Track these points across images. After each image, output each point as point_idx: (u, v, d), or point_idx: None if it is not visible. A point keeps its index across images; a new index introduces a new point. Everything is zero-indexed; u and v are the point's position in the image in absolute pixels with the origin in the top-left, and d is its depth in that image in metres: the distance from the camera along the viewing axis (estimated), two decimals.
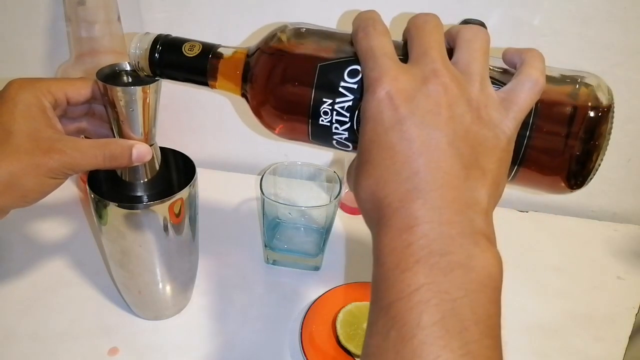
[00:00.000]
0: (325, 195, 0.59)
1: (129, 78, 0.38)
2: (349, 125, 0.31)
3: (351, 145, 0.33)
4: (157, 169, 0.41)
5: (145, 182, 0.41)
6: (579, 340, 0.50)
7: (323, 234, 0.56)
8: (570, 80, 0.31)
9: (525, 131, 0.29)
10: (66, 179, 0.37)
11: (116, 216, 0.41)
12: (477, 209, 0.26)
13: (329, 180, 0.59)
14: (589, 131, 0.29)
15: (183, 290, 0.50)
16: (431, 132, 0.25)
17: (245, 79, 0.34)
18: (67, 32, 0.64)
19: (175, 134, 0.69)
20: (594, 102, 0.29)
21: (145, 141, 0.39)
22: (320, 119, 0.31)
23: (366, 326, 0.26)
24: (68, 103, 0.39)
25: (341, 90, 0.30)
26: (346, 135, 0.32)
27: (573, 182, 0.30)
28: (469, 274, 0.24)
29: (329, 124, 0.31)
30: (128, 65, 0.38)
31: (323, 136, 0.33)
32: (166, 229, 0.43)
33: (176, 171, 0.46)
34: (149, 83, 0.37)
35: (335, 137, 0.32)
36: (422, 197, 0.25)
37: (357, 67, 0.30)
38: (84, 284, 0.53)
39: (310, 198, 0.59)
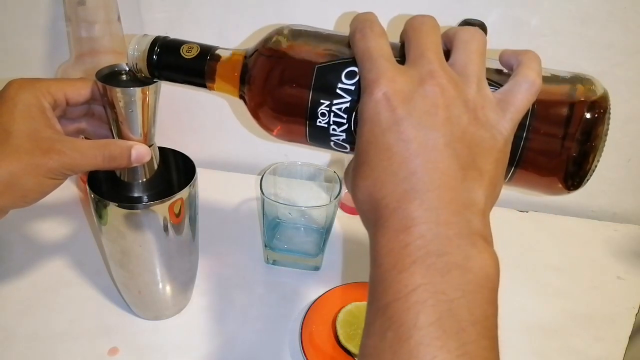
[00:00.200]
0: (325, 195, 0.59)
1: (129, 79, 0.38)
2: (346, 127, 0.31)
3: (349, 147, 0.33)
4: (156, 169, 0.41)
5: (144, 182, 0.41)
6: (579, 340, 0.50)
7: (323, 234, 0.56)
8: (566, 81, 0.31)
9: (522, 132, 0.29)
10: (65, 179, 0.37)
11: (116, 216, 0.41)
12: (474, 209, 0.26)
13: (328, 180, 0.59)
14: (585, 132, 0.29)
15: (183, 290, 0.50)
16: (428, 133, 0.26)
17: (243, 80, 0.34)
18: (67, 32, 0.64)
19: (175, 134, 0.69)
20: (590, 103, 0.29)
21: (145, 142, 0.39)
22: (318, 121, 0.31)
23: (363, 327, 0.26)
24: (67, 103, 0.39)
25: (339, 91, 0.30)
26: (344, 136, 0.32)
27: (570, 183, 0.30)
28: (466, 274, 0.24)
29: (326, 125, 0.31)
30: (127, 66, 0.38)
31: (321, 138, 0.33)
32: (166, 229, 0.43)
33: (176, 171, 0.46)
34: (149, 84, 0.37)
35: (332, 138, 0.32)
36: (419, 198, 0.25)
37: (355, 68, 0.30)
38: (84, 284, 0.53)
39: (310, 198, 0.59)
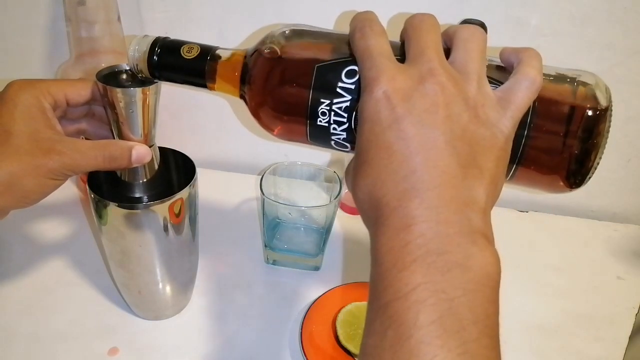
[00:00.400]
0: (325, 195, 0.59)
1: (129, 79, 0.38)
2: (347, 126, 0.31)
3: (349, 146, 0.33)
4: (156, 170, 0.41)
5: (144, 182, 0.41)
6: (579, 340, 0.50)
7: (323, 234, 0.56)
8: (568, 79, 0.31)
9: (523, 130, 0.29)
10: (66, 179, 0.37)
11: (116, 216, 0.41)
12: (474, 208, 0.26)
13: (329, 180, 0.59)
14: (587, 130, 0.29)
15: (183, 290, 0.50)
16: (428, 131, 0.25)
17: (244, 80, 0.34)
18: (67, 32, 0.64)
19: (175, 134, 0.69)
20: (592, 100, 0.29)
21: (145, 142, 0.39)
22: (318, 120, 0.31)
23: (364, 326, 0.26)
24: (68, 104, 0.39)
25: (339, 90, 0.30)
26: (344, 135, 0.32)
27: (572, 181, 0.30)
28: (466, 273, 0.24)
29: (327, 124, 0.31)
30: (128, 66, 0.38)
31: (321, 137, 0.33)
32: (166, 229, 0.43)
33: (176, 171, 0.46)
34: (149, 84, 0.37)
35: (333, 137, 0.32)
36: (419, 197, 0.25)
37: (355, 67, 0.30)
38: (84, 284, 0.53)
39: (310, 198, 0.59)
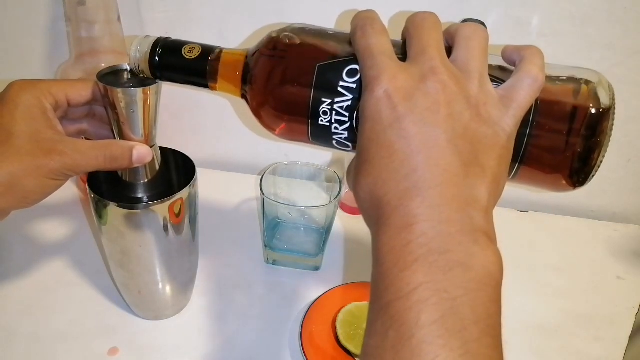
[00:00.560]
0: (325, 195, 0.59)
1: (130, 79, 0.38)
2: (348, 125, 0.31)
3: (351, 145, 0.33)
4: (157, 170, 0.41)
5: (145, 183, 0.41)
6: (579, 340, 0.50)
7: (323, 234, 0.56)
8: (570, 77, 0.31)
9: (526, 129, 0.29)
10: (67, 180, 0.37)
11: (116, 216, 0.41)
12: (476, 206, 0.25)
13: (329, 180, 0.59)
14: (590, 128, 0.29)
15: (183, 290, 0.50)
16: (430, 130, 0.25)
17: (245, 80, 0.34)
18: (67, 32, 0.64)
19: (175, 134, 0.69)
20: (595, 98, 0.29)
21: (146, 142, 0.39)
22: (320, 119, 0.31)
23: (365, 326, 0.26)
24: (69, 104, 0.39)
25: (340, 90, 0.30)
26: (346, 135, 0.32)
27: (575, 179, 0.30)
28: (468, 272, 0.24)
29: (328, 124, 0.31)
30: (128, 66, 0.38)
31: (323, 136, 0.33)
32: (166, 229, 0.43)
33: (176, 171, 0.46)
34: (150, 84, 0.37)
35: (335, 137, 0.32)
36: (421, 195, 0.25)
37: (356, 66, 0.30)
38: (84, 284, 0.53)
39: (310, 198, 0.59)
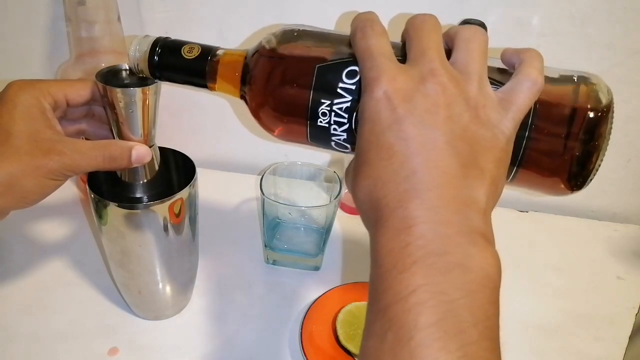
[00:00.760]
0: (325, 195, 0.59)
1: (129, 79, 0.38)
2: (347, 127, 0.31)
3: (350, 147, 0.33)
4: (157, 170, 0.41)
5: (145, 183, 0.41)
6: (579, 340, 0.50)
7: (323, 234, 0.56)
8: (569, 80, 0.31)
9: (524, 132, 0.29)
10: (66, 180, 0.37)
11: (116, 216, 0.41)
12: (475, 208, 0.25)
13: (329, 180, 0.59)
14: (588, 132, 0.29)
15: (183, 290, 0.50)
16: (429, 132, 0.25)
17: (244, 81, 0.34)
18: (67, 32, 0.64)
19: (175, 134, 0.69)
20: (593, 102, 0.29)
21: (145, 142, 0.39)
22: (319, 120, 0.31)
23: (364, 328, 0.26)
24: (68, 104, 0.39)
25: (339, 91, 0.30)
26: (345, 136, 0.32)
27: (573, 183, 0.30)
28: (467, 274, 0.24)
29: (327, 125, 0.31)
30: (128, 66, 0.38)
31: (322, 138, 0.33)
32: (166, 229, 0.43)
33: (176, 171, 0.46)
34: (149, 84, 0.37)
35: (333, 138, 0.32)
36: (420, 197, 0.25)
37: (355, 68, 0.30)
38: (84, 284, 0.53)
39: (310, 198, 0.59)
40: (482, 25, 0.47)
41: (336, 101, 0.31)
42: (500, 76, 0.30)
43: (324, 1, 0.59)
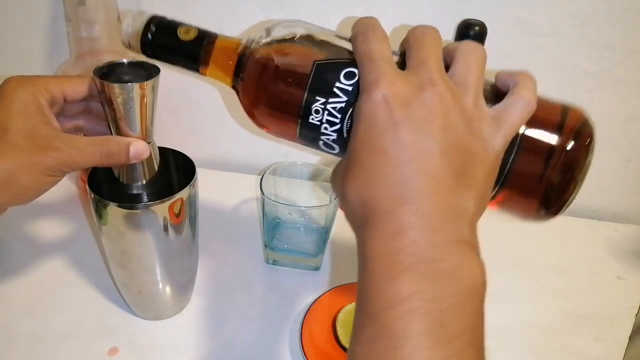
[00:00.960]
0: (325, 195, 0.59)
1: (127, 75, 0.38)
2: (338, 127, 0.31)
3: (337, 148, 0.32)
4: (156, 170, 0.41)
5: (144, 183, 0.41)
6: (579, 340, 0.50)
7: (323, 234, 0.56)
8: (555, 108, 0.31)
9: (509, 155, 0.29)
10: (63, 176, 0.37)
11: (116, 216, 0.41)
12: (464, 217, 0.26)
13: (328, 181, 0.58)
14: (568, 163, 0.29)
15: (183, 291, 0.50)
16: (425, 139, 0.26)
17: (238, 70, 0.34)
18: (67, 32, 0.64)
19: (175, 134, 0.69)
20: (575, 134, 0.29)
21: (143, 139, 0.39)
22: (311, 117, 0.31)
23: (352, 332, 0.26)
24: (65, 101, 0.38)
25: (335, 90, 0.30)
26: (334, 137, 0.32)
27: (546, 211, 0.31)
28: (456, 283, 0.24)
29: (318, 123, 0.31)
30: (125, 62, 0.38)
31: (311, 135, 0.33)
32: (166, 229, 0.43)
33: (176, 171, 0.46)
34: (147, 80, 0.37)
35: (322, 137, 0.32)
36: (413, 203, 0.25)
37: (354, 69, 0.30)
38: (84, 284, 0.53)
39: (310, 198, 0.59)
40: (483, 25, 0.47)
41: (331, 100, 0.30)
42: (494, 95, 0.30)
43: (324, 3, 0.59)
